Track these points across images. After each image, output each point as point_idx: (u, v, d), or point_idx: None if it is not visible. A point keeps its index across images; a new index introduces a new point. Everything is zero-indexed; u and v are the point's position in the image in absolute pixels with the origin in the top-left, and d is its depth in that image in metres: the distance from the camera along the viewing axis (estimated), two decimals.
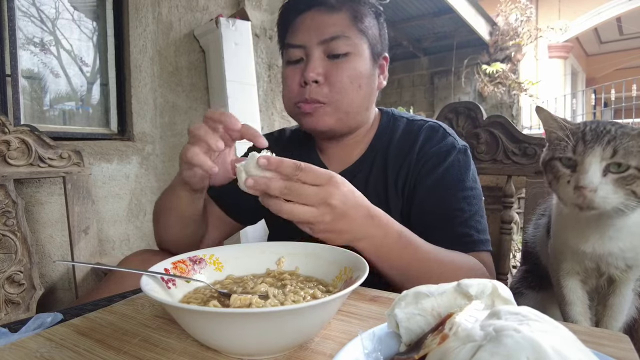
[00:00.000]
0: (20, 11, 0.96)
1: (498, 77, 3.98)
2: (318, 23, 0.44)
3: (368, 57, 0.46)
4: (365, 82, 0.45)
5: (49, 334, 0.28)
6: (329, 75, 0.44)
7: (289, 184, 0.31)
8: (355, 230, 0.34)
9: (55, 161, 0.79)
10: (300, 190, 0.31)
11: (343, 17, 0.44)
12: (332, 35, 0.43)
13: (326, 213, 0.32)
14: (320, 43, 0.44)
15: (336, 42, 0.43)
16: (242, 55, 1.20)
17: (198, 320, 0.23)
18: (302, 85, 0.44)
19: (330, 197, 0.32)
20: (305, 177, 0.31)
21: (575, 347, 0.18)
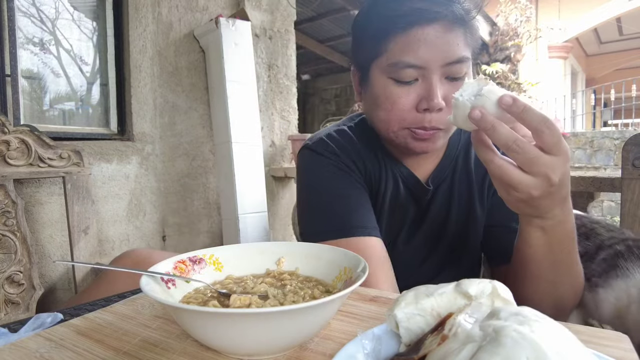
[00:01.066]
0: (20, 11, 0.96)
1: (498, 77, 3.98)
2: (442, 42, 0.38)
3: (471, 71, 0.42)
4: None
5: (49, 334, 0.28)
6: (447, 100, 0.39)
7: (520, 141, 0.26)
8: (547, 207, 0.29)
9: (55, 161, 0.79)
10: (530, 152, 0.26)
11: (461, 33, 0.39)
12: (458, 57, 0.38)
13: (539, 187, 0.27)
14: (444, 66, 0.38)
15: (459, 65, 0.39)
16: (242, 55, 1.20)
17: (198, 320, 0.23)
18: (420, 110, 0.39)
19: (554, 170, 0.26)
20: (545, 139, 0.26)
21: (576, 347, 0.18)
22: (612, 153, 3.38)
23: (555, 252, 0.32)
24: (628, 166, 0.61)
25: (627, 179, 0.61)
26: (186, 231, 1.22)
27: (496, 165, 0.27)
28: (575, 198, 0.85)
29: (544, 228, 0.31)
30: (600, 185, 0.78)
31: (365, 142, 0.47)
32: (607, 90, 4.36)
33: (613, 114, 5.72)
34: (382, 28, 0.40)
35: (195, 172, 1.24)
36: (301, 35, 3.15)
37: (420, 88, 0.39)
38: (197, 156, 1.25)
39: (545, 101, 4.20)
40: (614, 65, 5.91)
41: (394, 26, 0.39)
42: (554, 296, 0.34)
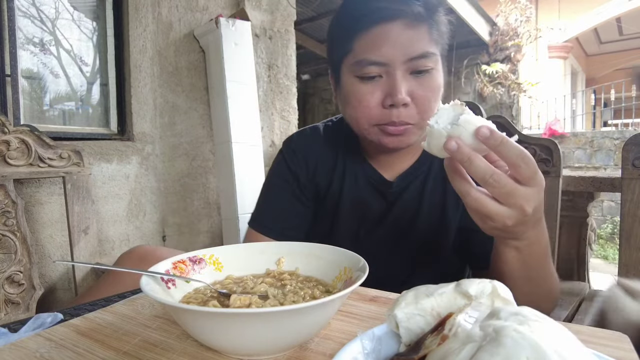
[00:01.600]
0: (20, 11, 0.96)
1: (498, 77, 3.98)
2: (403, 39, 0.38)
3: (442, 68, 0.42)
4: (440, 94, 0.42)
5: (49, 334, 0.28)
6: (414, 95, 0.40)
7: (497, 175, 0.25)
8: (521, 232, 0.29)
9: (55, 161, 0.79)
10: (507, 186, 0.26)
11: (424, 29, 0.40)
12: (421, 52, 0.39)
13: (514, 217, 0.27)
14: (406, 61, 0.39)
15: (423, 60, 0.39)
16: (242, 55, 1.19)
17: (198, 320, 0.23)
18: (386, 107, 0.40)
19: (528, 202, 0.26)
20: (522, 173, 0.26)
21: (575, 347, 0.18)
22: (612, 153, 3.38)
23: (529, 269, 0.33)
24: (628, 166, 0.61)
25: (627, 179, 0.61)
26: (186, 231, 1.22)
27: (473, 199, 0.27)
28: (575, 198, 0.86)
29: (518, 248, 0.31)
30: (600, 185, 0.78)
31: (330, 140, 0.50)
32: (607, 90, 4.36)
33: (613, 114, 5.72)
34: (348, 28, 0.42)
35: (195, 172, 1.24)
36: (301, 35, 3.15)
37: (385, 84, 0.40)
38: (197, 156, 1.25)
39: (545, 101, 4.20)
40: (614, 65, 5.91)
41: (358, 25, 0.40)
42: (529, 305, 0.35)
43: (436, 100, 0.42)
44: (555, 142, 0.68)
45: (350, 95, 0.42)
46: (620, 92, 4.31)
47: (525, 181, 0.27)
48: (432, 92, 0.41)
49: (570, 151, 3.52)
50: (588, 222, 0.86)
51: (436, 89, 0.42)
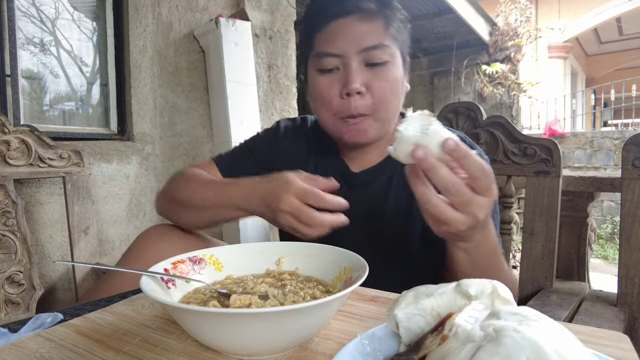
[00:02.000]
0: (20, 11, 0.96)
1: (498, 77, 3.98)
2: (357, 31, 0.42)
3: (400, 63, 0.45)
4: (399, 89, 0.45)
5: (49, 334, 0.28)
6: (370, 85, 0.42)
7: (458, 185, 0.27)
8: (469, 236, 0.32)
9: (55, 161, 0.79)
10: (465, 195, 0.28)
11: (378, 24, 0.43)
12: (373, 43, 0.41)
13: (467, 223, 0.29)
14: (360, 52, 0.42)
15: (376, 52, 0.42)
16: (242, 55, 1.19)
17: (198, 320, 0.23)
18: (343, 97, 0.42)
19: (482, 210, 0.29)
20: (481, 185, 0.28)
21: (575, 347, 0.18)
22: (612, 153, 3.38)
23: (479, 268, 0.35)
24: (628, 166, 0.61)
25: (627, 179, 0.61)
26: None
27: (433, 205, 0.29)
28: (575, 198, 0.86)
29: (467, 249, 0.34)
30: (600, 185, 0.78)
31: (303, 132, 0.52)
32: (607, 90, 4.36)
33: (613, 114, 5.72)
34: (310, 26, 0.45)
35: None
36: None
37: (342, 76, 0.43)
38: (197, 156, 1.25)
39: (545, 101, 4.20)
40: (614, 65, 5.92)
41: (317, 23, 0.44)
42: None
43: (393, 93, 0.43)
44: (555, 142, 0.68)
45: (313, 89, 0.45)
46: (620, 92, 4.31)
47: (482, 192, 0.29)
48: (388, 83, 0.43)
49: (570, 151, 3.52)
50: (588, 222, 0.86)
51: (392, 80, 0.43)
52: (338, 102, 0.43)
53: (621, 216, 0.62)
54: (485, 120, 0.73)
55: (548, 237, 0.67)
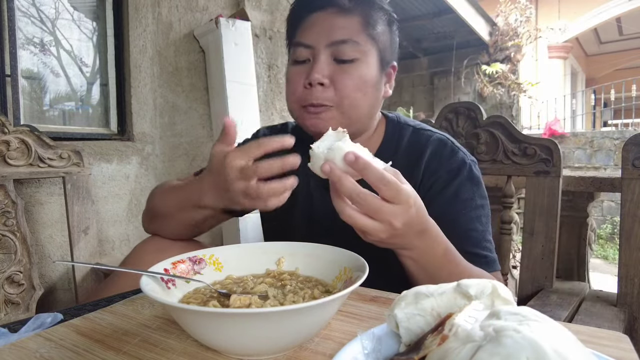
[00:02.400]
0: (20, 11, 0.96)
1: (498, 77, 3.99)
2: (329, 24, 0.42)
3: (375, 65, 0.44)
4: (370, 90, 0.44)
5: (49, 334, 0.28)
6: (334, 79, 0.42)
7: (363, 194, 0.29)
8: (403, 243, 0.33)
9: (55, 161, 0.79)
10: (372, 204, 0.30)
11: (355, 21, 0.43)
12: (342, 38, 0.42)
13: (385, 230, 0.31)
14: (329, 45, 0.42)
15: (345, 47, 0.42)
16: (242, 55, 1.20)
17: (198, 320, 0.23)
18: (307, 86, 0.43)
19: (396, 217, 0.30)
20: (384, 193, 0.30)
21: (575, 347, 0.18)
22: (612, 153, 3.38)
23: (430, 272, 0.36)
24: (628, 166, 0.61)
25: (627, 179, 0.61)
26: None
27: (347, 215, 0.30)
28: (575, 198, 0.86)
29: (412, 257, 0.35)
30: (600, 186, 0.78)
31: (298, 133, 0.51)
32: (607, 90, 4.36)
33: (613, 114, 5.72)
34: (292, 18, 0.46)
35: None
36: None
37: (310, 67, 0.43)
38: (197, 156, 1.25)
39: (545, 101, 4.20)
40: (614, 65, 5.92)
41: (298, 14, 0.45)
42: None
43: (360, 91, 0.43)
44: (556, 142, 0.68)
45: (287, 79, 0.46)
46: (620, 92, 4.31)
47: (390, 199, 0.30)
48: (353, 80, 0.42)
49: (570, 151, 3.52)
50: (588, 222, 0.86)
51: (359, 78, 0.43)
52: (301, 91, 0.43)
53: (621, 216, 0.62)
54: (485, 120, 0.73)
55: (548, 237, 0.67)
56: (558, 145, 0.67)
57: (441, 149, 0.46)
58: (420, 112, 3.78)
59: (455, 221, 0.42)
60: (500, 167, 0.71)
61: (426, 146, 0.46)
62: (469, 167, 0.45)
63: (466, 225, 0.42)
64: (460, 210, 0.43)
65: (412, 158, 0.46)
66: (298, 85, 0.44)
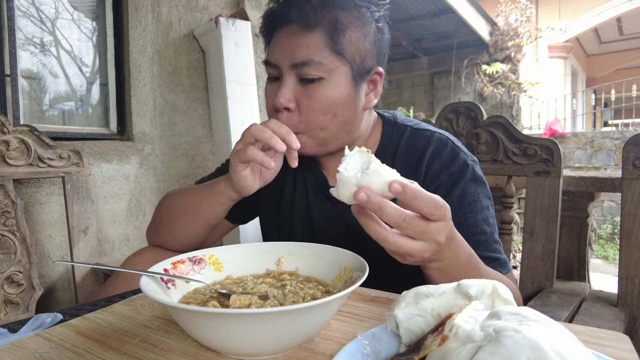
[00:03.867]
0: (20, 11, 0.96)
1: (498, 77, 3.98)
2: (291, 44, 0.40)
3: (346, 81, 0.41)
4: (341, 109, 0.41)
5: (48, 334, 0.28)
6: (299, 103, 0.40)
7: (409, 218, 0.27)
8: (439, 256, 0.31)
9: (54, 161, 0.79)
10: (418, 226, 0.27)
11: (318, 37, 0.39)
12: (303, 59, 0.39)
13: (429, 249, 0.29)
14: (291, 67, 0.40)
15: (307, 68, 0.39)
16: (242, 55, 1.19)
17: (197, 320, 0.23)
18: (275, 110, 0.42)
19: (440, 233, 0.28)
20: (435, 217, 0.27)
21: (575, 347, 0.18)
22: (612, 153, 3.38)
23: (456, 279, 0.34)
24: (628, 166, 0.61)
25: (627, 179, 0.61)
26: None
27: (391, 243, 0.28)
28: (575, 198, 0.86)
29: (439, 268, 0.33)
30: (601, 186, 0.78)
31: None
32: (607, 90, 4.36)
33: (613, 114, 5.72)
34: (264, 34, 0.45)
35: (195, 172, 1.24)
36: None
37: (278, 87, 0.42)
38: (197, 156, 1.25)
39: (545, 101, 4.20)
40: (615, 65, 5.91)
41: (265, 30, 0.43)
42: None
43: (325, 113, 0.41)
44: (556, 142, 0.67)
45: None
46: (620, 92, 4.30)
47: (436, 219, 0.28)
48: (317, 103, 0.40)
49: (571, 151, 3.52)
50: (588, 222, 0.86)
51: (323, 100, 0.40)
52: (274, 114, 0.42)
53: (621, 216, 0.62)
54: (485, 120, 0.73)
55: (548, 238, 0.66)
56: (558, 145, 0.67)
57: (442, 150, 0.44)
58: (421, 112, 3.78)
59: (463, 225, 0.40)
60: (500, 167, 0.71)
61: (426, 147, 0.44)
62: (471, 169, 0.43)
63: (474, 228, 0.41)
64: (466, 213, 0.41)
65: (412, 160, 0.44)
66: (270, 106, 0.43)
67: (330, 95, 0.41)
